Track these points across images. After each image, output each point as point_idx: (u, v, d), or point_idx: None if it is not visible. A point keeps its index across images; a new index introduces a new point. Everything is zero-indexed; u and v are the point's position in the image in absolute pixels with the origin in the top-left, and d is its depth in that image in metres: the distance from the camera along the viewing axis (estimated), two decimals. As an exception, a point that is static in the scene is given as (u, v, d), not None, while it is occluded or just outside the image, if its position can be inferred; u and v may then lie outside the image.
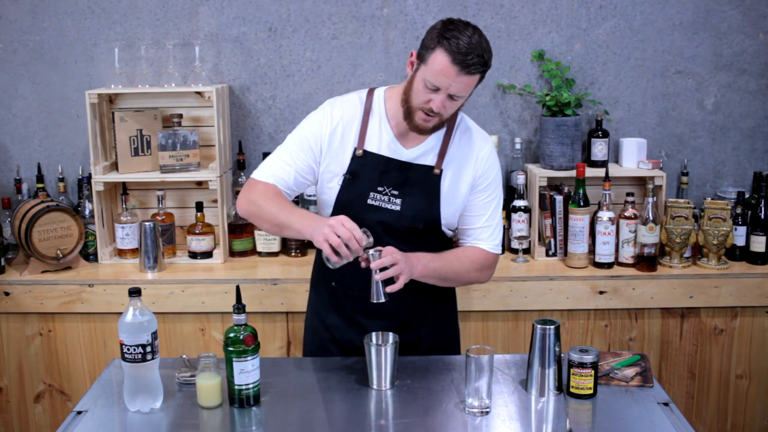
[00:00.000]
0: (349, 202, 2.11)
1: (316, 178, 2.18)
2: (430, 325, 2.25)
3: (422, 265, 2.06)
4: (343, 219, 1.93)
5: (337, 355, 2.25)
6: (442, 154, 2.12)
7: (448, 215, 2.14)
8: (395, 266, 1.96)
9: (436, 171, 2.11)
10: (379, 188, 2.11)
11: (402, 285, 1.97)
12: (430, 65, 1.95)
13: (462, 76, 1.94)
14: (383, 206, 2.11)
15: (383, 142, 2.11)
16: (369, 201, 2.11)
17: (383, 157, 2.11)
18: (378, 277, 1.95)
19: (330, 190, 2.14)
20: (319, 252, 2.27)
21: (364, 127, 2.12)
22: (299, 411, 1.92)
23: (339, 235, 1.90)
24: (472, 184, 2.14)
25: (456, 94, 1.97)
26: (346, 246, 1.90)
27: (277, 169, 2.15)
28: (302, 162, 2.14)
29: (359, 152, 2.11)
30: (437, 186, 2.11)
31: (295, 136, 2.17)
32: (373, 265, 1.95)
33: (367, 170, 2.11)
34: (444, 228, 2.16)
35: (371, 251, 1.96)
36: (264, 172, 2.16)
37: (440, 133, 2.13)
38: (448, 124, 2.13)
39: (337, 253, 1.92)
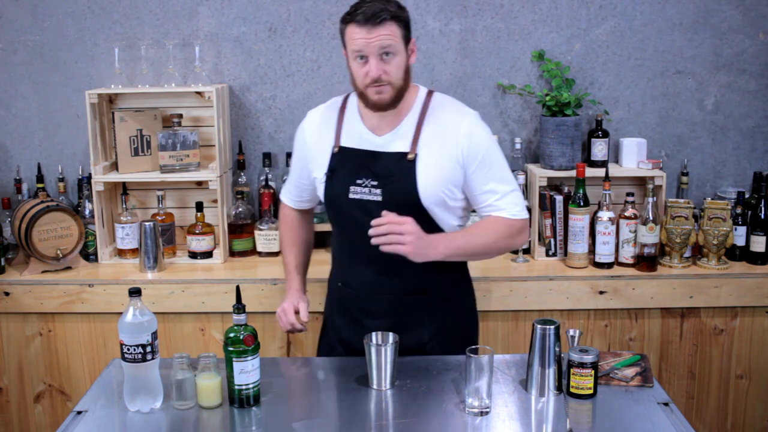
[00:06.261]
0: (334, 199, 2.19)
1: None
2: (435, 325, 2.23)
3: (444, 246, 2.06)
4: (285, 308, 2.29)
5: (343, 355, 2.26)
6: (416, 138, 2.12)
7: (432, 198, 2.11)
8: (399, 236, 1.98)
9: (410, 156, 2.11)
10: (358, 181, 2.14)
11: (392, 250, 2.00)
12: (348, 43, 2.06)
13: (373, 29, 2.00)
14: (365, 198, 2.13)
15: (356, 135, 2.17)
16: (350, 195, 2.14)
17: (356, 149, 2.16)
18: (375, 240, 2.01)
19: (320, 190, 2.23)
20: (333, 254, 2.35)
21: (339, 125, 2.20)
22: (299, 411, 1.93)
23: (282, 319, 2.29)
24: (462, 164, 2.11)
25: (381, 49, 2.01)
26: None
27: (291, 187, 2.40)
28: (301, 176, 2.33)
29: (336, 149, 2.18)
30: (412, 171, 2.10)
31: (293, 153, 2.36)
32: (374, 241, 2.01)
33: (344, 165, 2.16)
34: (430, 212, 2.12)
35: None
36: (283, 193, 2.44)
37: (414, 117, 2.14)
38: (422, 107, 2.14)
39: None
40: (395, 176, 2.11)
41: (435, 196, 2.11)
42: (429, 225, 2.14)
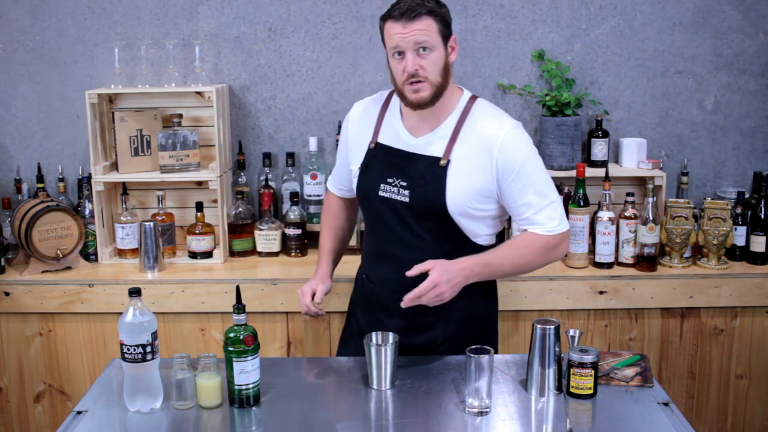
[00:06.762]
0: (365, 195, 2.21)
1: None
2: (450, 330, 2.21)
3: (463, 277, 2.04)
4: (304, 290, 2.29)
5: (360, 346, 2.22)
6: (451, 144, 2.10)
7: (459, 208, 2.09)
8: (429, 294, 1.99)
9: (442, 162, 2.09)
10: (389, 179, 2.14)
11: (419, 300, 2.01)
12: (387, 39, 2.06)
13: (408, 24, 2.00)
14: (393, 197, 2.14)
15: (394, 133, 2.17)
16: (380, 193, 2.16)
17: (392, 148, 2.16)
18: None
19: (354, 183, 2.25)
20: (362, 247, 2.37)
21: (380, 121, 2.21)
22: (299, 411, 1.92)
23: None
24: (496, 176, 2.08)
25: (417, 44, 2.00)
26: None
27: (335, 173, 2.43)
28: (342, 164, 2.35)
29: (372, 145, 2.20)
30: (443, 177, 2.08)
31: (339, 141, 2.40)
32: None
33: (377, 162, 2.17)
34: (456, 220, 2.11)
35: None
36: (329, 180, 2.47)
37: (452, 122, 2.12)
38: (462, 112, 2.12)
39: None
40: (425, 180, 2.10)
41: (462, 206, 2.09)
42: (455, 232, 2.13)
